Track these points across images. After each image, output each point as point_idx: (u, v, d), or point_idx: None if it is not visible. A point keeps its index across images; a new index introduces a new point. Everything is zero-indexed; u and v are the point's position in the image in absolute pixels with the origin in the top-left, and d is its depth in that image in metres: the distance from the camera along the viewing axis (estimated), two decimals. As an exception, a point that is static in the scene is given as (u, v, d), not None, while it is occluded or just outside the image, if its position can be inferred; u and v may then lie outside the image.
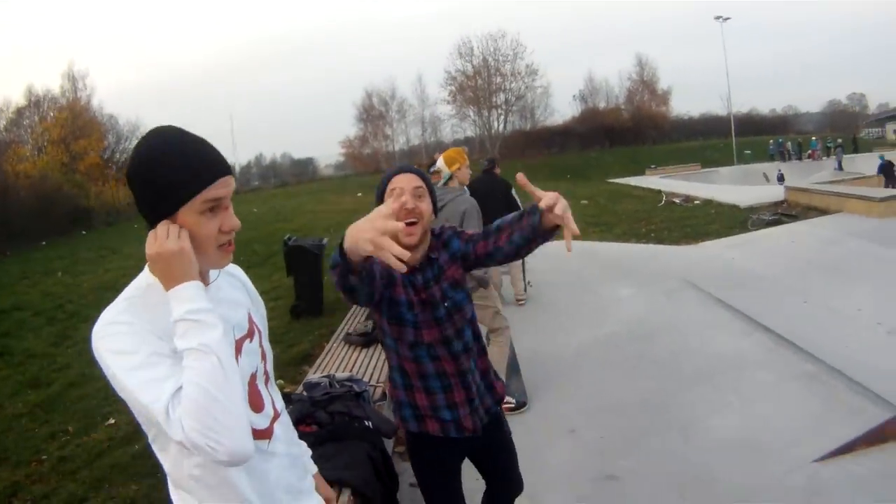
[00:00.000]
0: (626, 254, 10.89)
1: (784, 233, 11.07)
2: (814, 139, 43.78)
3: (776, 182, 27.20)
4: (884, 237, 9.12)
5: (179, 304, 1.28)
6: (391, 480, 3.58)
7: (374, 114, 55.30)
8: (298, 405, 3.70)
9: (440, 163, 4.77)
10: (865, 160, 32.46)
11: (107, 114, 41.74)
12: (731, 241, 11.06)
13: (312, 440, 3.05)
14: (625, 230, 14.01)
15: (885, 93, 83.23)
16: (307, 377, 4.60)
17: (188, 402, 1.20)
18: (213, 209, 1.35)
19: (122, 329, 1.26)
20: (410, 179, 2.24)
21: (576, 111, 58.19)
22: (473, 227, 4.15)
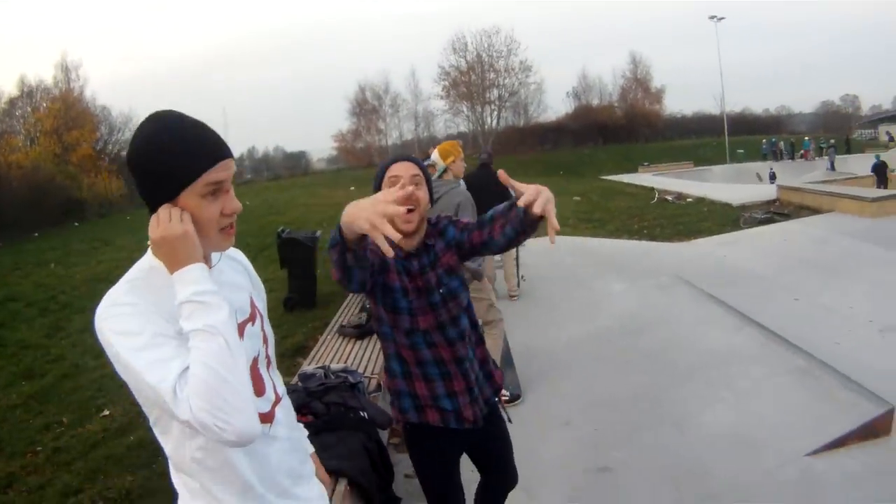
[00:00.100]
0: (619, 250, 10.90)
1: (776, 231, 11.12)
2: (807, 139, 43.92)
3: (768, 181, 27.28)
4: (876, 237, 9.18)
5: (184, 286, 1.28)
6: (387, 471, 3.59)
7: (368, 108, 55.04)
8: (294, 396, 3.69)
9: (435, 156, 4.78)
10: (858, 161, 32.55)
11: (100, 105, 41.50)
12: (724, 239, 11.10)
13: (308, 430, 3.06)
14: (617, 227, 14.05)
15: (878, 94, 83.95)
16: (302, 368, 4.60)
17: (196, 382, 1.20)
18: (215, 192, 1.36)
19: (127, 310, 1.27)
20: (408, 168, 2.28)
21: (569, 108, 58.12)
22: (468, 219, 4.17)
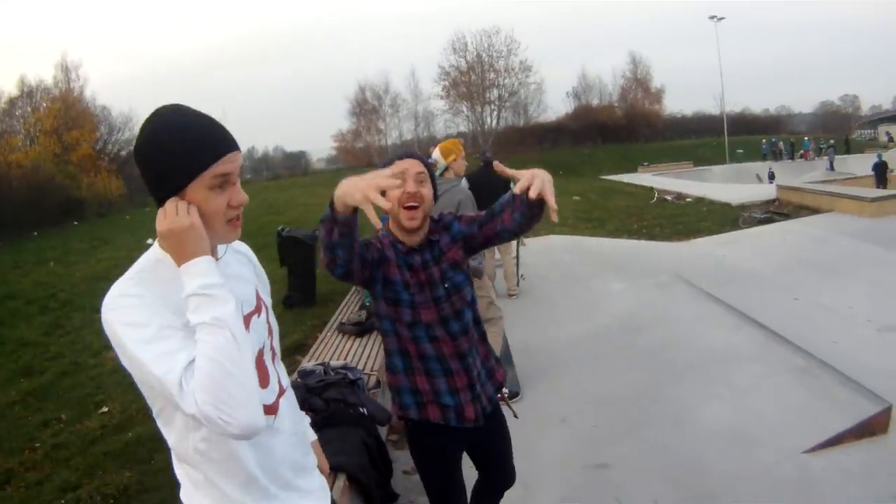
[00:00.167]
0: (618, 249, 10.91)
1: (776, 231, 11.13)
2: (806, 139, 43.91)
3: (767, 181, 27.28)
4: (875, 237, 9.19)
5: (192, 279, 1.28)
6: (385, 468, 3.61)
7: (367, 108, 54.83)
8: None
9: (436, 154, 4.79)
10: (857, 161, 32.55)
11: (100, 105, 41.28)
12: (723, 239, 11.11)
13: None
14: (617, 226, 14.06)
15: (878, 95, 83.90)
16: (301, 365, 4.61)
17: (202, 376, 1.21)
18: (222, 185, 1.36)
19: (134, 302, 1.27)
20: (414, 164, 2.28)
21: (569, 108, 57.95)
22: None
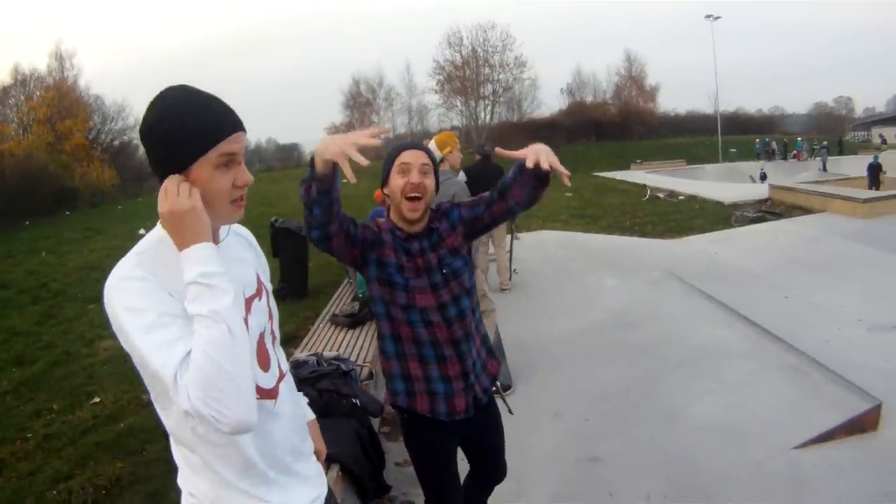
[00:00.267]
0: (611, 245, 10.91)
1: (768, 230, 11.15)
2: (800, 140, 43.93)
3: (760, 182, 27.33)
4: (867, 237, 9.22)
5: (192, 266, 1.28)
6: (378, 459, 3.61)
7: (361, 101, 54.77)
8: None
9: (432, 146, 4.79)
10: (850, 162, 32.68)
11: (93, 94, 41.15)
12: (715, 237, 11.13)
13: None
14: (610, 223, 14.06)
15: (872, 97, 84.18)
16: (294, 355, 4.61)
17: (195, 371, 1.21)
18: (228, 164, 1.36)
19: (136, 285, 1.27)
20: (418, 156, 2.29)
21: (563, 104, 58.01)
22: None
